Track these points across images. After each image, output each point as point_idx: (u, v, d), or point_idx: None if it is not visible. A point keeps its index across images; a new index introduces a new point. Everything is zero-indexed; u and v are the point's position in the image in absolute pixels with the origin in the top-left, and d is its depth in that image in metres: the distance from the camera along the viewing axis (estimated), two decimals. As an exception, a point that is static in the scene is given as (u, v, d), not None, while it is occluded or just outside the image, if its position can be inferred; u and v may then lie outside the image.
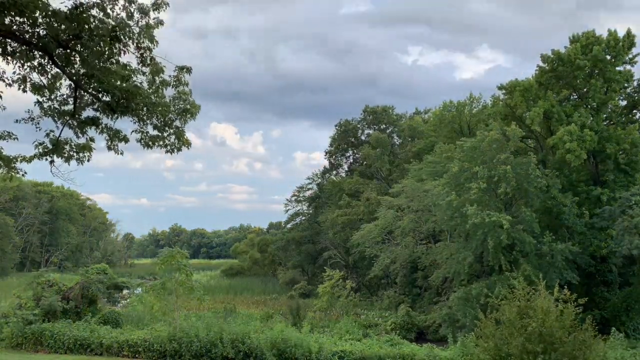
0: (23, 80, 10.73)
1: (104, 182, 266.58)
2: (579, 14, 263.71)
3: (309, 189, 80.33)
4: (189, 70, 11.64)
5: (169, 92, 11.75)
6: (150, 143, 11.88)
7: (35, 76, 10.83)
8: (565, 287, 18.19)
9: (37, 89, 10.99)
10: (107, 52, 10.63)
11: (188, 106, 11.80)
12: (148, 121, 11.71)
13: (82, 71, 10.93)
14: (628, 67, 38.94)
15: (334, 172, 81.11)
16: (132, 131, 11.86)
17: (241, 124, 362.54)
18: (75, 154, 11.72)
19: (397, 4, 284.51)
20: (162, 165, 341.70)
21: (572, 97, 41.18)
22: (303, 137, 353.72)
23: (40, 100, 11.29)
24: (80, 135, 11.72)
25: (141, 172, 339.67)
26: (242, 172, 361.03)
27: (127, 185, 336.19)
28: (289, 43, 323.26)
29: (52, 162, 11.66)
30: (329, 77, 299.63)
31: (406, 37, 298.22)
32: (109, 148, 11.88)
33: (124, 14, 10.54)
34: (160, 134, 11.93)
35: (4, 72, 10.76)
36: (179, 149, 12.20)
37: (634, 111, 42.12)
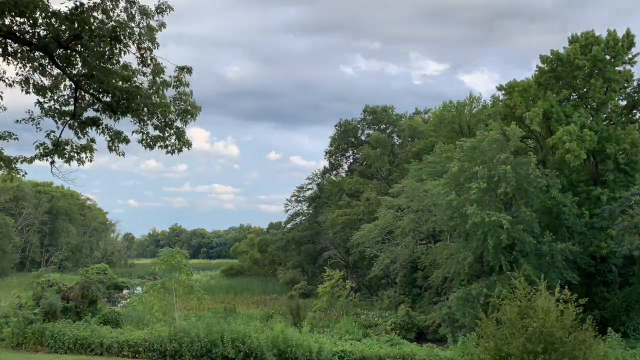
0: (26, 81, 10.73)
1: (88, 183, 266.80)
2: (493, 24, 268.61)
3: (308, 189, 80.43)
4: (189, 70, 11.59)
5: (170, 92, 11.74)
6: (151, 144, 11.86)
7: (37, 77, 10.83)
8: (566, 287, 18.19)
9: (39, 90, 10.98)
10: (107, 53, 10.62)
11: (189, 107, 11.78)
12: (149, 122, 11.69)
13: (82, 72, 10.92)
14: (628, 67, 38.98)
15: (334, 172, 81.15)
16: (133, 132, 11.83)
17: (210, 127, 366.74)
18: (76, 155, 11.69)
19: (329, 13, 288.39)
20: (141, 166, 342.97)
21: (571, 97, 41.16)
22: (273, 139, 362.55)
23: (41, 100, 11.28)
24: (81, 135, 11.71)
25: (120, 173, 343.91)
26: (222, 174, 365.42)
27: (111, 186, 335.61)
28: (226, 51, 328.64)
29: (52, 162, 11.64)
30: (270, 84, 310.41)
31: (344, 45, 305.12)
32: (110, 149, 11.86)
33: (124, 15, 10.53)
34: (161, 135, 11.91)
35: (4, 72, 10.78)
36: (180, 150, 12.15)
37: (634, 111, 42.12)
